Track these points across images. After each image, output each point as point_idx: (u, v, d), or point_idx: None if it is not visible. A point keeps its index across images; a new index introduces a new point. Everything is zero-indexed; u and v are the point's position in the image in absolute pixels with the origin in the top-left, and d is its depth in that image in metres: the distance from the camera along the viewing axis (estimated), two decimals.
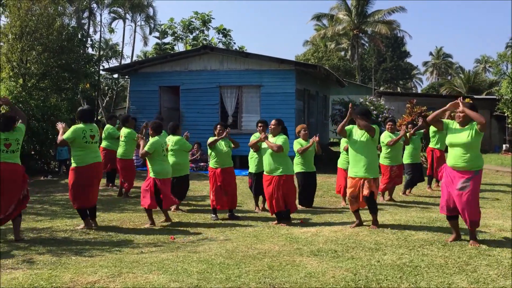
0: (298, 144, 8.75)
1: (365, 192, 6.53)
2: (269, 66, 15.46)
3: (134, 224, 7.44)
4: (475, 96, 25.75)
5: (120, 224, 7.39)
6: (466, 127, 5.63)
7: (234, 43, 30.33)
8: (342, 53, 48.33)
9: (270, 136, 7.35)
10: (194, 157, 13.35)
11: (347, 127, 6.70)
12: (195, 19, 29.47)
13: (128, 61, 30.15)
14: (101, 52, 27.84)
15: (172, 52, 26.16)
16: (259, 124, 8.14)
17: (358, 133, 6.60)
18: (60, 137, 6.82)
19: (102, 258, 5.35)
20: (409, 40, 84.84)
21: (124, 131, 10.03)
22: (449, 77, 58.54)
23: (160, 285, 4.22)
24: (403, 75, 55.73)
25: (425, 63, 68.91)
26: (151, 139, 7.46)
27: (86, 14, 23.90)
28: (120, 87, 31.99)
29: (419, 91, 55.39)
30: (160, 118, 10.52)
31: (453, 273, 4.57)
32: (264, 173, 7.39)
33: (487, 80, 44.77)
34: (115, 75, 25.24)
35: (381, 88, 42.88)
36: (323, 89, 20.76)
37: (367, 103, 16.91)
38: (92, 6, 23.55)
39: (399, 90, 51.24)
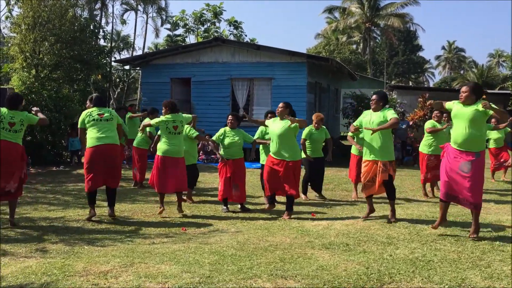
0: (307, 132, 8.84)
1: (384, 176, 6.49)
2: (280, 59, 15.39)
3: (145, 215, 7.47)
4: (489, 91, 25.47)
5: (132, 215, 7.42)
6: (472, 105, 5.56)
7: (246, 35, 30.31)
8: (354, 46, 48.02)
9: (277, 120, 7.21)
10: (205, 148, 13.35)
11: (358, 120, 6.75)
12: (207, 11, 29.45)
13: (139, 52, 30.22)
14: (113, 44, 27.93)
15: (183, 44, 26.15)
16: (269, 115, 8.13)
17: (374, 117, 6.54)
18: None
19: (114, 248, 5.38)
20: (421, 33, 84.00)
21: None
22: (461, 72, 57.97)
23: (172, 275, 4.23)
24: (415, 69, 55.26)
25: (437, 57, 68.30)
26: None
27: (98, 5, 23.94)
28: (131, 78, 32.07)
29: (431, 85, 54.90)
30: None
31: (466, 268, 4.53)
32: (271, 154, 7.20)
33: (500, 74, 44.28)
34: (127, 67, 25.29)
35: (393, 82, 42.51)
36: (334, 83, 20.65)
37: None
38: None
39: (411, 84, 50.80)
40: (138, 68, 20.59)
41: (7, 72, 15.52)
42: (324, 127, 9.08)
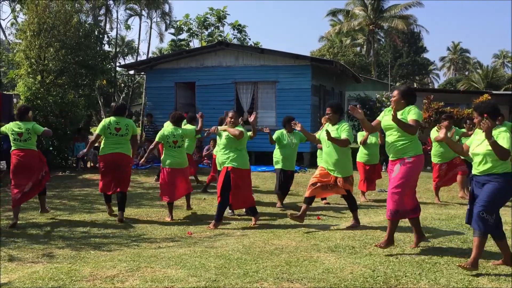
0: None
1: (341, 191, 6.44)
2: (284, 62, 15.41)
3: (151, 219, 7.49)
4: (494, 92, 25.32)
5: (138, 219, 7.44)
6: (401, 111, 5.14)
7: (249, 39, 30.35)
8: (358, 48, 47.95)
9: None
10: (209, 151, 13.37)
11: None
12: (210, 15, 29.52)
13: (144, 57, 30.38)
14: (117, 49, 28.03)
15: (187, 48, 26.23)
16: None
17: (330, 129, 6.29)
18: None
19: (120, 252, 5.40)
20: (425, 35, 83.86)
21: (189, 127, 9.97)
22: (466, 73, 57.80)
23: (178, 279, 4.24)
24: (420, 71, 55.12)
25: (442, 58, 68.10)
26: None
27: (102, 11, 24.04)
28: (136, 83, 32.19)
29: (436, 87, 54.71)
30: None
31: (473, 270, 4.51)
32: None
33: (505, 75, 44.14)
34: (131, 72, 25.37)
35: (397, 84, 42.45)
36: (338, 85, 20.64)
37: (383, 98, 16.74)
38: (108, 3, 23.67)
39: (415, 85, 50.70)
40: (142, 73, 20.67)
41: (12, 78, 15.62)
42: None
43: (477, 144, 4.66)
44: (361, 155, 9.23)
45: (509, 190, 4.53)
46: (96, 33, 17.21)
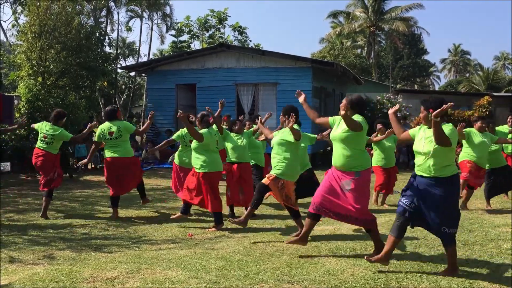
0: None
1: (281, 195, 6.06)
2: (285, 64, 15.42)
3: (152, 220, 7.49)
4: (495, 94, 25.31)
5: (138, 221, 7.44)
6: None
7: (250, 40, 30.35)
8: (359, 50, 48.00)
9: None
10: None
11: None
12: (211, 17, 29.53)
13: (145, 59, 30.32)
14: (118, 51, 28.05)
15: (188, 50, 26.25)
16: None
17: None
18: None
19: (121, 254, 5.39)
20: (426, 37, 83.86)
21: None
22: (467, 75, 57.79)
23: (179, 281, 4.24)
24: (421, 73, 55.14)
25: (443, 60, 68.06)
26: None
27: (103, 13, 24.06)
28: (137, 85, 32.18)
29: (437, 89, 54.75)
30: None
31: (474, 272, 4.50)
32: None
33: (506, 77, 44.08)
34: (132, 73, 25.38)
35: (398, 86, 42.42)
36: (339, 87, 20.65)
37: (384, 100, 16.76)
38: (109, 4, 23.72)
39: (416, 87, 50.71)
40: (143, 75, 20.70)
41: (13, 80, 15.62)
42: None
43: (421, 141, 4.47)
44: (378, 159, 8.68)
45: (456, 192, 4.45)
46: (97, 35, 17.21)
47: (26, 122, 9.96)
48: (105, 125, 7.56)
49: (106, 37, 19.16)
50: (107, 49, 21.75)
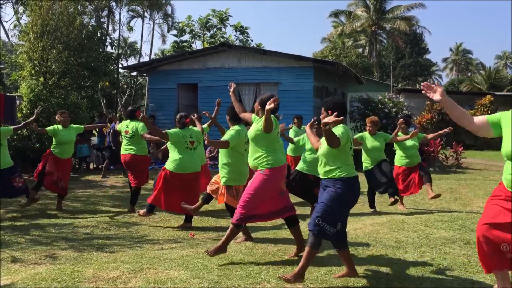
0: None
1: (226, 199, 5.91)
2: (286, 63, 15.42)
3: (153, 220, 7.50)
4: (496, 93, 25.30)
5: (140, 221, 7.45)
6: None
7: (252, 40, 30.39)
8: (360, 50, 47.94)
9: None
10: (212, 154, 13.39)
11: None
12: (213, 16, 29.58)
13: (146, 59, 30.42)
14: (120, 50, 28.09)
15: (190, 50, 26.28)
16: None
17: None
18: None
19: (123, 254, 5.40)
20: (428, 36, 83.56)
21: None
22: (469, 74, 57.70)
23: (181, 281, 4.24)
24: (422, 72, 55.06)
25: (444, 60, 67.96)
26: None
27: (105, 13, 24.11)
28: (138, 85, 32.24)
29: None
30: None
31: (476, 272, 4.50)
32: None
33: (508, 76, 44.04)
34: (134, 73, 25.43)
35: (400, 85, 42.36)
36: (341, 86, 20.63)
37: (386, 100, 16.72)
38: (111, 4, 23.77)
39: (418, 87, 50.62)
40: (145, 75, 20.71)
41: (15, 80, 15.66)
42: (382, 132, 8.42)
43: (323, 144, 4.39)
44: (399, 158, 8.36)
45: (349, 196, 4.31)
46: (98, 35, 17.24)
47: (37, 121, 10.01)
48: (124, 123, 8.13)
49: (108, 37, 19.17)
50: (109, 49, 21.80)
